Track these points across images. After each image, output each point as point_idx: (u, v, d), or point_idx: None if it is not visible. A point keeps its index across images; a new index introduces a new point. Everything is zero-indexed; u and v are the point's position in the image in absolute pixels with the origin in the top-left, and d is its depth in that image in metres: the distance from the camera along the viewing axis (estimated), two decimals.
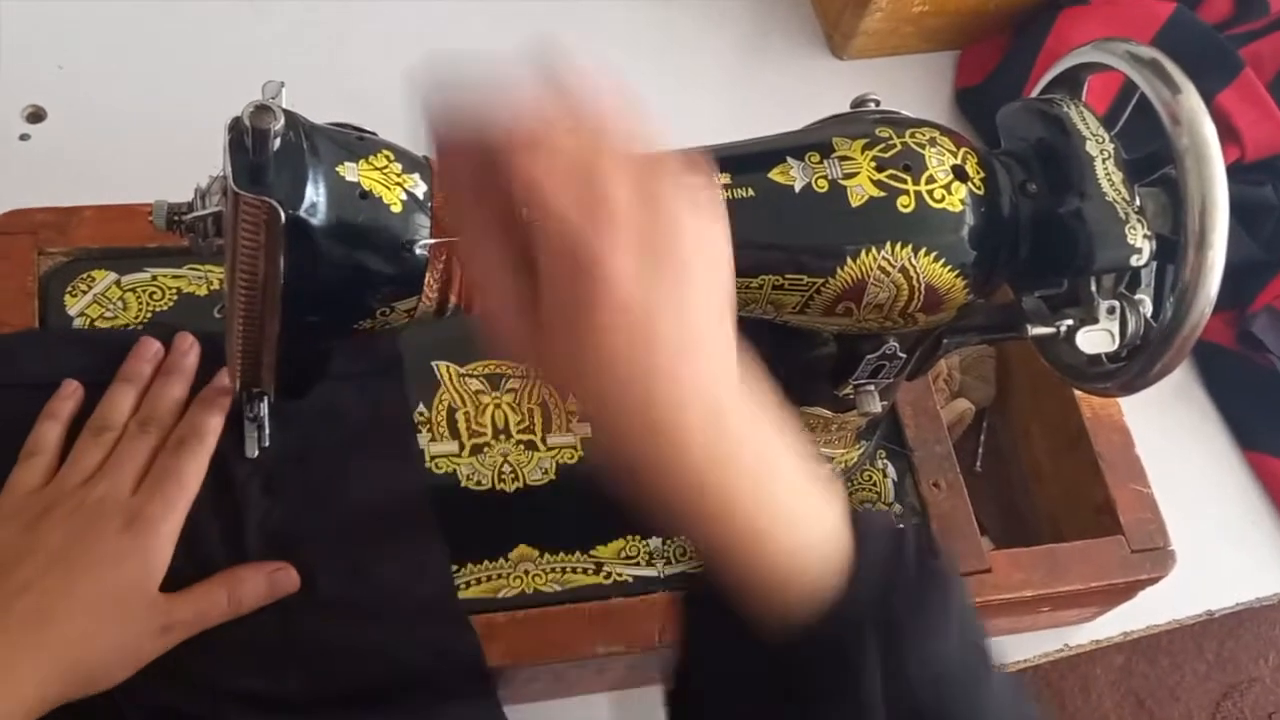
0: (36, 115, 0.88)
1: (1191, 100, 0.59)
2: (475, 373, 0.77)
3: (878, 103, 0.64)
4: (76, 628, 0.58)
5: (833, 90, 1.03)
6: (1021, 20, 1.06)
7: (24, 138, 0.87)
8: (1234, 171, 0.60)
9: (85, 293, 0.73)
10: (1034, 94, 0.69)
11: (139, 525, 0.61)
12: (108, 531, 0.61)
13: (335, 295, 0.54)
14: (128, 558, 0.61)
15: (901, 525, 0.63)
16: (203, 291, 0.75)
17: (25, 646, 0.57)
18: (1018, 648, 0.85)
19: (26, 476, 0.64)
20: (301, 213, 0.50)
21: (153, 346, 0.70)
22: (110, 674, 0.59)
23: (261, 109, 0.48)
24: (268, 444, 0.69)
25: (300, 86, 0.54)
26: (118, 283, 0.74)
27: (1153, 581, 0.79)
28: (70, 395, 0.68)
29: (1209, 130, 0.59)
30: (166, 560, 0.62)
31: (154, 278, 0.75)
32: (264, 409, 0.69)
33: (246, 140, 0.48)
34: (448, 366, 0.76)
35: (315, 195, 0.50)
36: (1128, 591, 0.81)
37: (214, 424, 0.67)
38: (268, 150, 0.48)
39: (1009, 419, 0.92)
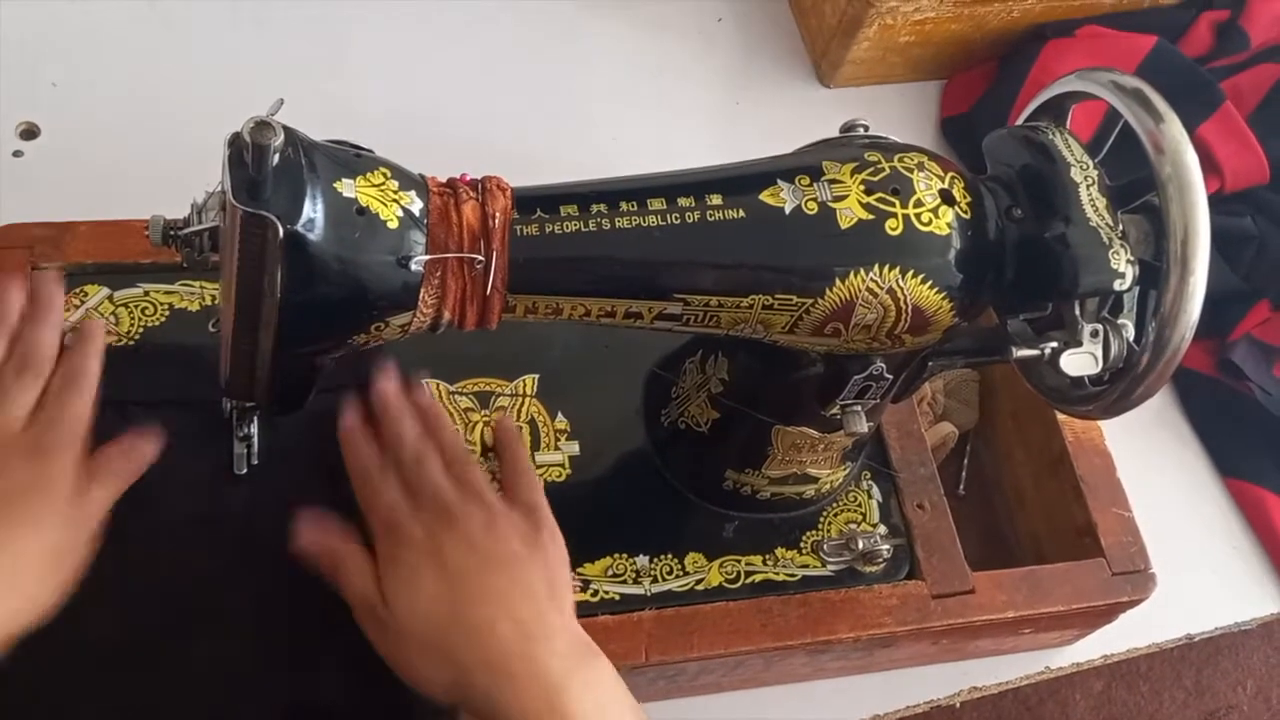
0: (30, 132, 0.89)
1: (1174, 129, 0.60)
2: (464, 390, 0.77)
3: (866, 128, 0.65)
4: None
5: (820, 118, 1.04)
6: (1006, 51, 1.07)
7: (17, 154, 0.88)
8: (1214, 202, 0.61)
9: (78, 307, 0.74)
10: (1019, 121, 0.70)
11: (39, 454, 0.60)
12: (9, 464, 0.60)
13: (331, 310, 0.54)
14: (31, 485, 0.59)
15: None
16: (195, 307, 0.75)
17: None
18: (999, 669, 0.85)
19: None
20: (299, 228, 0.50)
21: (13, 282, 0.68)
22: (51, 589, 0.58)
23: (261, 125, 0.48)
24: (256, 462, 0.69)
25: (296, 104, 0.55)
26: (110, 298, 0.75)
27: (1134, 604, 0.80)
28: None
29: (1191, 159, 0.60)
30: (69, 486, 0.60)
31: (146, 293, 0.75)
32: (254, 428, 0.69)
33: (246, 156, 0.49)
34: (437, 384, 0.77)
35: (313, 211, 0.51)
36: (1109, 614, 0.82)
37: (93, 366, 0.65)
38: (267, 166, 0.49)
39: (992, 442, 0.93)
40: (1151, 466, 0.95)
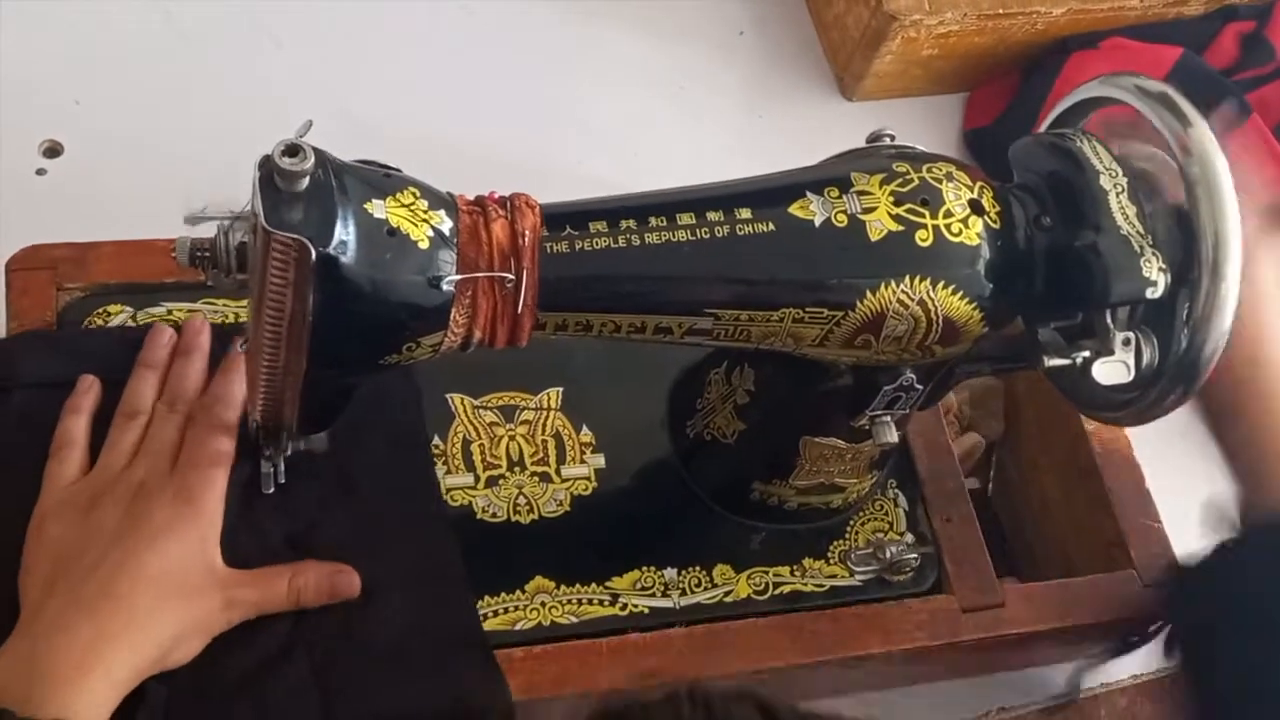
0: (53, 150, 0.89)
1: (1201, 132, 0.60)
2: (489, 405, 0.77)
3: (893, 137, 0.64)
4: (147, 601, 0.60)
5: (842, 131, 1.04)
6: (1030, 64, 1.07)
7: (40, 173, 0.88)
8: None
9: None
10: (1044, 128, 0.70)
11: (184, 496, 0.63)
12: (158, 506, 0.63)
13: (362, 331, 0.54)
14: (181, 529, 0.62)
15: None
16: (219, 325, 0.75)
17: (111, 629, 0.58)
18: (1028, 688, 0.84)
19: (63, 469, 0.65)
20: (331, 250, 0.50)
21: (166, 332, 0.72)
22: (183, 647, 0.61)
23: (292, 147, 0.48)
24: (283, 481, 0.69)
25: (318, 122, 0.55)
26: (134, 317, 0.75)
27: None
28: (89, 389, 0.69)
29: (1220, 161, 0.59)
30: (218, 528, 0.64)
31: (170, 312, 0.75)
32: (281, 447, 0.69)
33: (277, 178, 0.48)
34: (462, 399, 0.77)
35: (344, 233, 0.51)
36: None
37: (236, 390, 0.68)
38: (298, 189, 0.49)
39: (1018, 453, 0.93)
40: (1177, 482, 0.93)
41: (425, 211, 0.54)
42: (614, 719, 0.41)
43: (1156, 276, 0.59)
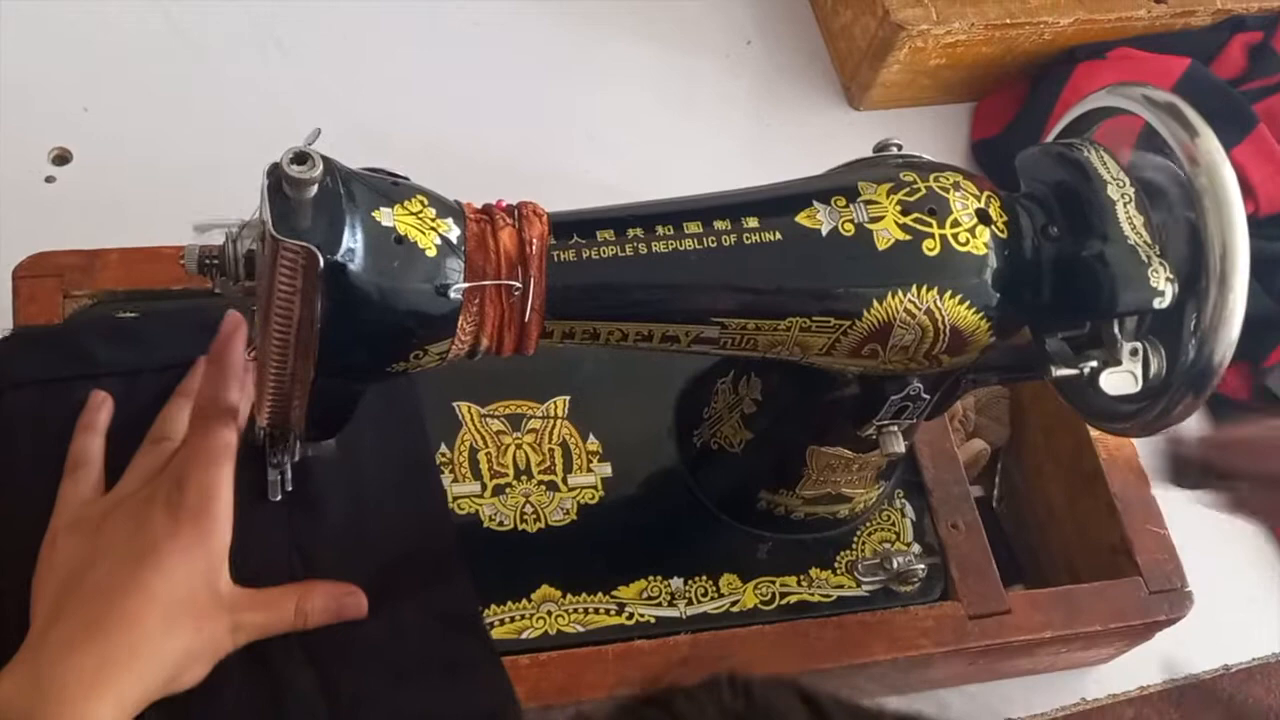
0: (62, 158, 0.89)
1: (1209, 142, 0.60)
2: (496, 413, 0.77)
3: (900, 146, 0.64)
4: (155, 624, 0.59)
5: (849, 140, 1.03)
6: (1037, 74, 1.07)
7: (50, 180, 0.88)
8: (1248, 225, 0.60)
9: None
10: (1050, 138, 0.70)
11: (190, 512, 0.61)
12: (165, 524, 0.61)
13: (370, 338, 0.54)
14: (188, 552, 0.60)
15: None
16: None
17: (119, 652, 0.57)
18: (1034, 698, 0.84)
19: (78, 488, 0.65)
20: (339, 257, 0.50)
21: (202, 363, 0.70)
22: (190, 671, 0.60)
23: (301, 155, 0.48)
24: (290, 489, 0.69)
25: (327, 130, 0.55)
26: None
27: (1171, 622, 0.79)
28: (101, 405, 0.68)
29: (1227, 171, 0.59)
30: (226, 546, 0.62)
31: None
32: (288, 454, 0.69)
33: (285, 186, 0.49)
34: (469, 407, 0.77)
35: (352, 240, 0.51)
36: (1146, 632, 0.81)
37: (229, 387, 0.65)
38: (306, 196, 0.49)
39: (1023, 460, 0.93)
40: (1184, 496, 0.93)
41: (433, 219, 0.54)
42: (655, 705, 0.41)
43: (1164, 286, 0.59)
